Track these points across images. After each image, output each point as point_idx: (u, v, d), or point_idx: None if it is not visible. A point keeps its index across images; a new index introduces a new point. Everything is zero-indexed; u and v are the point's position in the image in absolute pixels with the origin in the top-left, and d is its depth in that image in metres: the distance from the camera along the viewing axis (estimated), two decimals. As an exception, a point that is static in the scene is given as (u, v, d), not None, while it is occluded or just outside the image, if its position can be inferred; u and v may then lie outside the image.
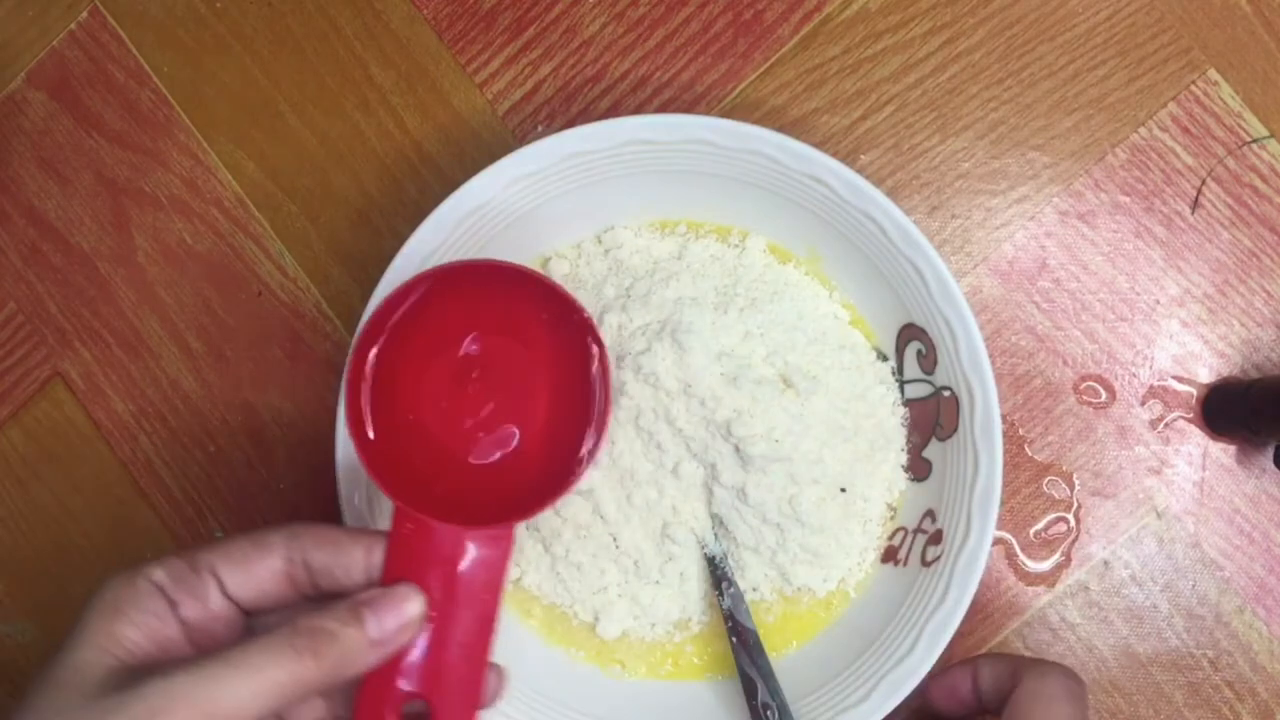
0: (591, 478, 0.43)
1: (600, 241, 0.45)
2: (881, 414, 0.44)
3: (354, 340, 0.36)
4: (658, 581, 0.44)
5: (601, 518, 0.43)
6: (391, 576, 0.34)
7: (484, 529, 0.35)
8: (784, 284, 0.44)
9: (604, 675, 0.45)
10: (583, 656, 0.45)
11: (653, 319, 0.43)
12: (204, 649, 0.34)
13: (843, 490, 0.42)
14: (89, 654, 0.31)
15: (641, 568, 0.44)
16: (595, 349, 0.37)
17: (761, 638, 0.42)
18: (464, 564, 0.34)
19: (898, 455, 0.44)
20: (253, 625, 0.35)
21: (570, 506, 0.43)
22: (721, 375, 0.41)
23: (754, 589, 0.44)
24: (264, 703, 0.30)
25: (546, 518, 0.44)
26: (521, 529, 0.44)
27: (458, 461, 0.38)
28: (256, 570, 0.34)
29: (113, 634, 0.32)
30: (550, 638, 0.45)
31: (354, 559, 0.34)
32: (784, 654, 0.44)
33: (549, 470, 0.37)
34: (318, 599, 0.35)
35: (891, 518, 0.44)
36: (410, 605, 0.33)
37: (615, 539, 0.44)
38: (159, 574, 0.33)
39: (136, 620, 0.32)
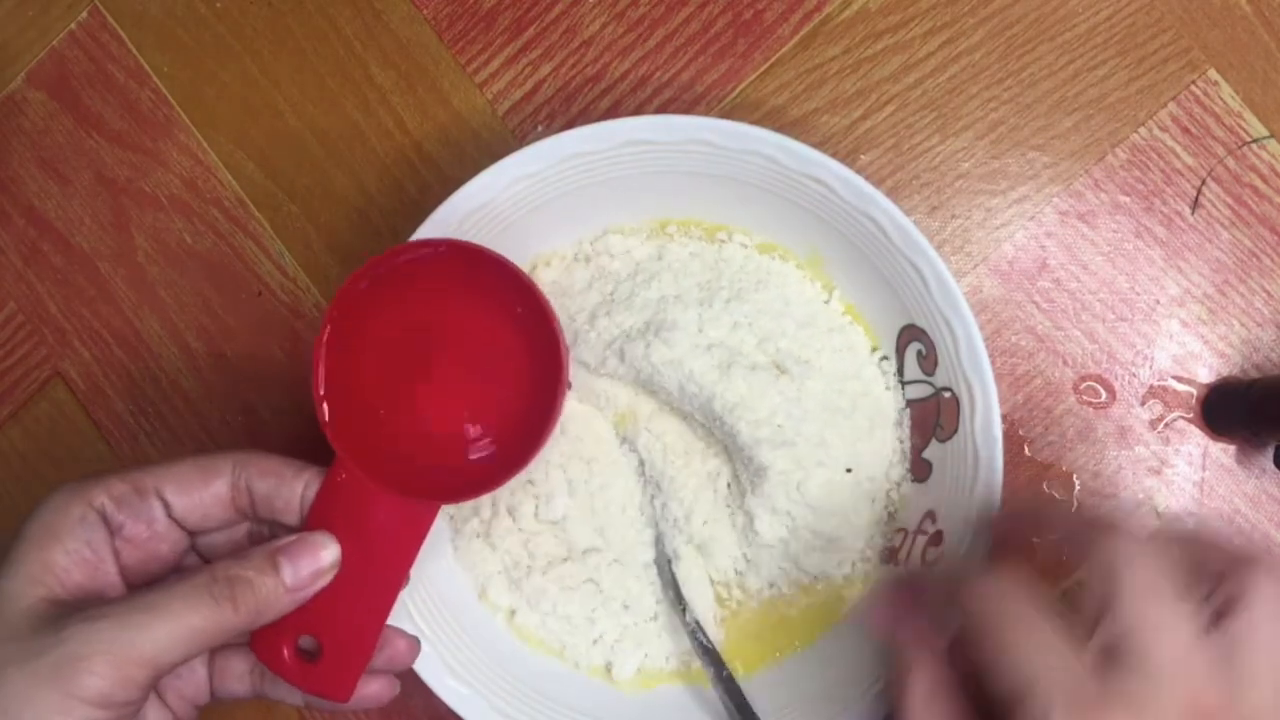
0: (564, 506, 0.43)
1: (591, 246, 0.45)
2: (876, 390, 0.44)
3: (330, 306, 0.37)
4: (655, 617, 0.44)
5: (579, 561, 0.43)
6: (316, 518, 0.35)
7: (412, 499, 0.36)
8: (768, 273, 0.44)
9: (611, 687, 0.44)
10: (589, 671, 0.45)
11: (637, 320, 0.43)
12: (145, 572, 0.35)
13: (848, 470, 0.42)
14: (18, 584, 0.32)
15: (633, 608, 0.44)
16: (556, 337, 0.38)
17: (779, 637, 0.42)
18: (385, 526, 0.36)
19: (897, 430, 0.44)
20: (197, 545, 0.37)
21: (542, 545, 0.44)
22: (714, 367, 0.41)
23: (770, 585, 0.44)
24: (183, 648, 0.31)
25: (527, 571, 0.44)
26: (505, 581, 0.44)
27: (410, 435, 0.39)
28: (202, 494, 0.35)
29: (46, 563, 0.33)
30: (558, 659, 0.45)
31: (293, 492, 0.36)
32: (786, 657, 0.44)
33: (497, 459, 0.39)
34: (258, 522, 0.37)
35: (896, 499, 0.44)
36: (325, 553, 0.35)
37: (597, 584, 0.44)
38: (101, 499, 0.34)
39: (71, 549, 0.33)
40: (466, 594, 0.44)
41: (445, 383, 0.39)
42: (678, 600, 0.43)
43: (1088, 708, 0.28)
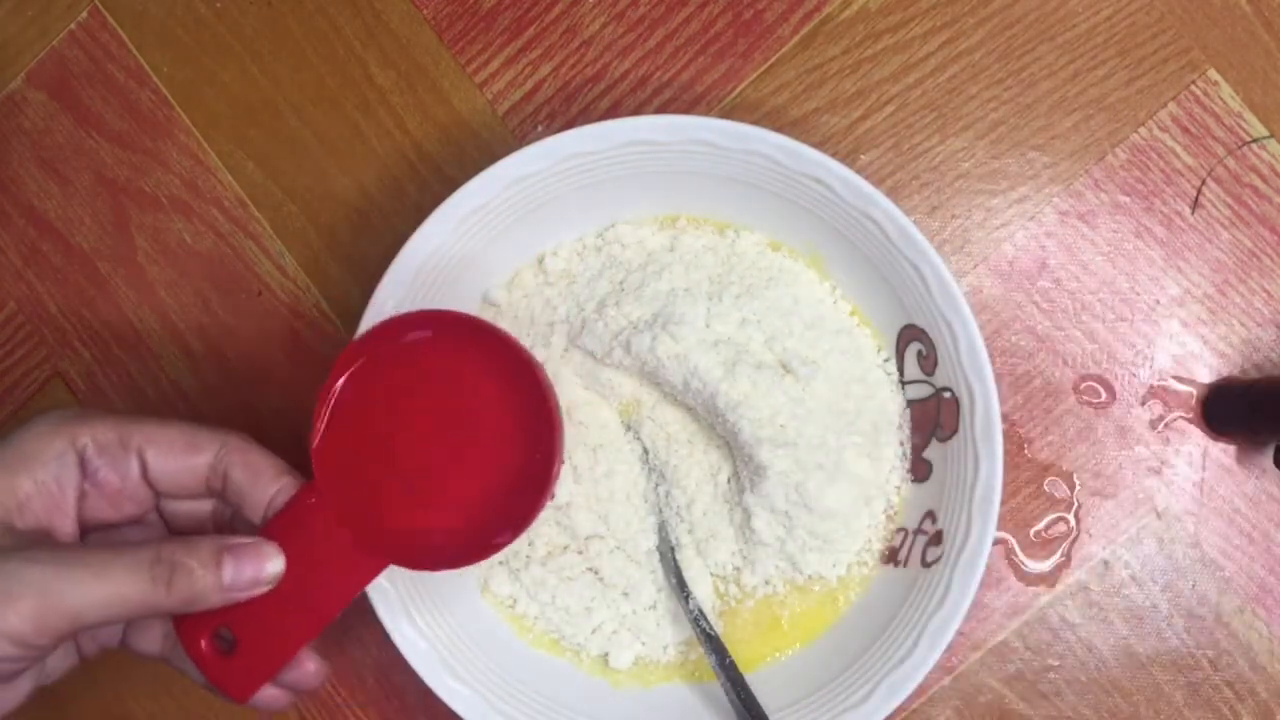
0: (569, 492, 0.43)
1: (600, 237, 0.45)
2: (882, 395, 0.44)
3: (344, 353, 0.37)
4: (654, 605, 0.44)
5: (578, 552, 0.43)
6: (275, 527, 0.36)
7: (366, 553, 0.36)
8: (778, 270, 0.44)
9: (611, 687, 0.44)
10: (589, 669, 0.45)
11: (645, 312, 0.43)
12: (101, 519, 0.36)
13: (848, 474, 0.42)
14: None
15: (633, 596, 0.44)
16: (547, 408, 0.37)
17: (776, 634, 0.42)
18: (334, 562, 0.36)
19: (900, 436, 0.44)
20: (160, 506, 0.37)
21: (543, 531, 0.44)
22: (719, 364, 0.41)
23: (766, 582, 0.44)
24: (108, 613, 0.32)
25: (526, 562, 0.44)
26: (505, 572, 0.44)
27: (388, 489, 0.38)
28: (182, 464, 0.36)
29: (10, 487, 0.33)
30: (555, 654, 0.45)
31: (265, 492, 0.36)
32: (786, 654, 0.44)
33: (464, 538, 0.37)
34: (224, 504, 0.38)
35: (896, 499, 0.44)
36: (270, 565, 0.35)
37: (597, 572, 0.44)
38: (84, 440, 0.35)
39: (40, 479, 0.34)
40: (468, 590, 0.44)
41: (434, 447, 0.38)
42: (680, 587, 0.43)
43: None
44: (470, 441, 0.38)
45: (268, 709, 0.38)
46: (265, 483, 0.36)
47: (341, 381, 0.37)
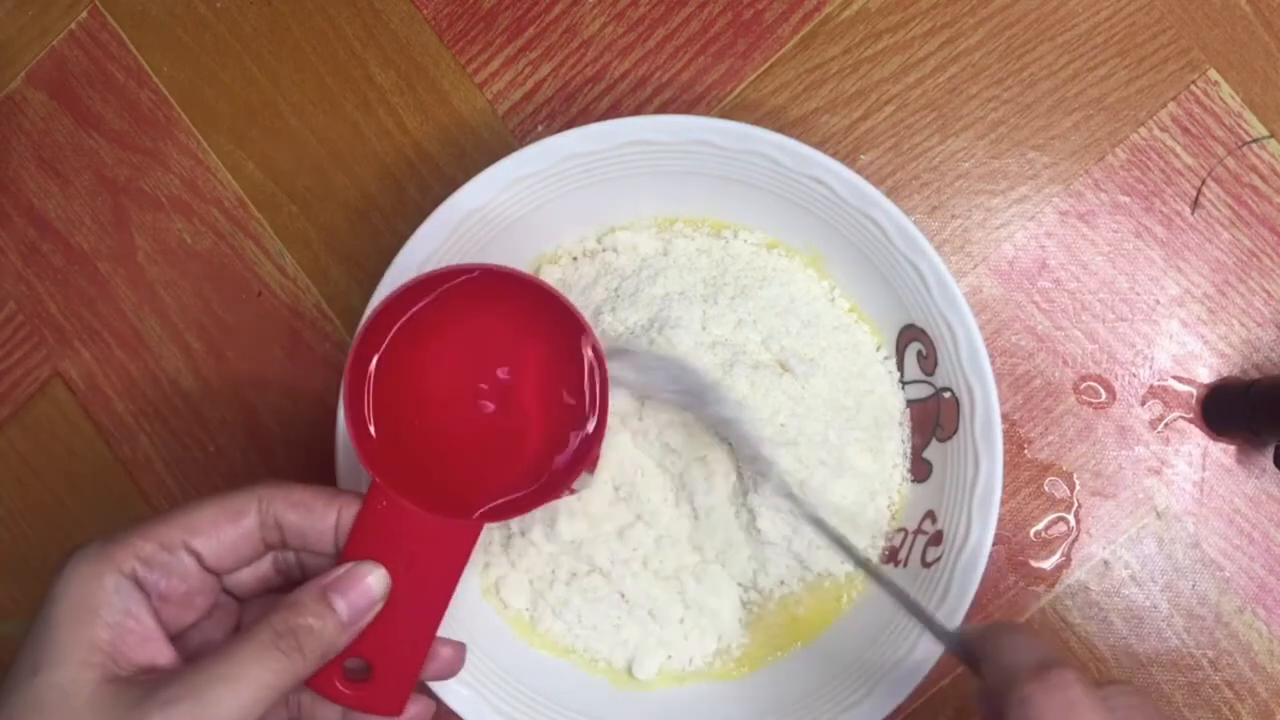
0: (582, 528, 0.43)
1: (599, 242, 0.45)
2: (882, 390, 0.44)
3: (359, 332, 0.36)
4: (681, 620, 0.44)
5: (601, 573, 0.43)
6: (357, 546, 0.35)
7: (454, 519, 0.36)
8: (773, 270, 0.44)
9: (614, 687, 0.44)
10: (586, 668, 0.45)
11: (641, 317, 0.43)
12: (184, 623, 0.35)
13: (852, 469, 0.42)
14: (71, 672, 0.31)
15: (659, 616, 0.44)
16: (592, 359, 0.37)
17: (792, 632, 0.43)
18: (429, 548, 0.36)
19: (901, 430, 0.44)
20: (224, 583, 0.36)
21: (565, 563, 0.44)
22: (717, 365, 0.41)
23: (781, 583, 0.44)
24: (262, 708, 0.31)
25: (548, 584, 0.44)
26: (530, 594, 0.44)
27: (447, 454, 0.38)
28: (231, 536, 0.35)
29: (90, 643, 0.31)
30: (557, 655, 0.45)
31: (326, 522, 0.35)
32: (786, 654, 0.44)
33: (540, 475, 0.38)
34: (284, 550, 0.36)
35: (898, 497, 0.44)
36: (376, 585, 0.34)
37: (623, 595, 0.44)
38: (131, 563, 0.33)
39: (113, 622, 0.32)
40: (469, 591, 0.44)
41: (481, 404, 0.38)
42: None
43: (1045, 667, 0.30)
44: (514, 389, 0.38)
45: None
46: (320, 513, 0.35)
47: (372, 372, 0.36)
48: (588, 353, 0.37)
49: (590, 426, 0.37)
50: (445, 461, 0.38)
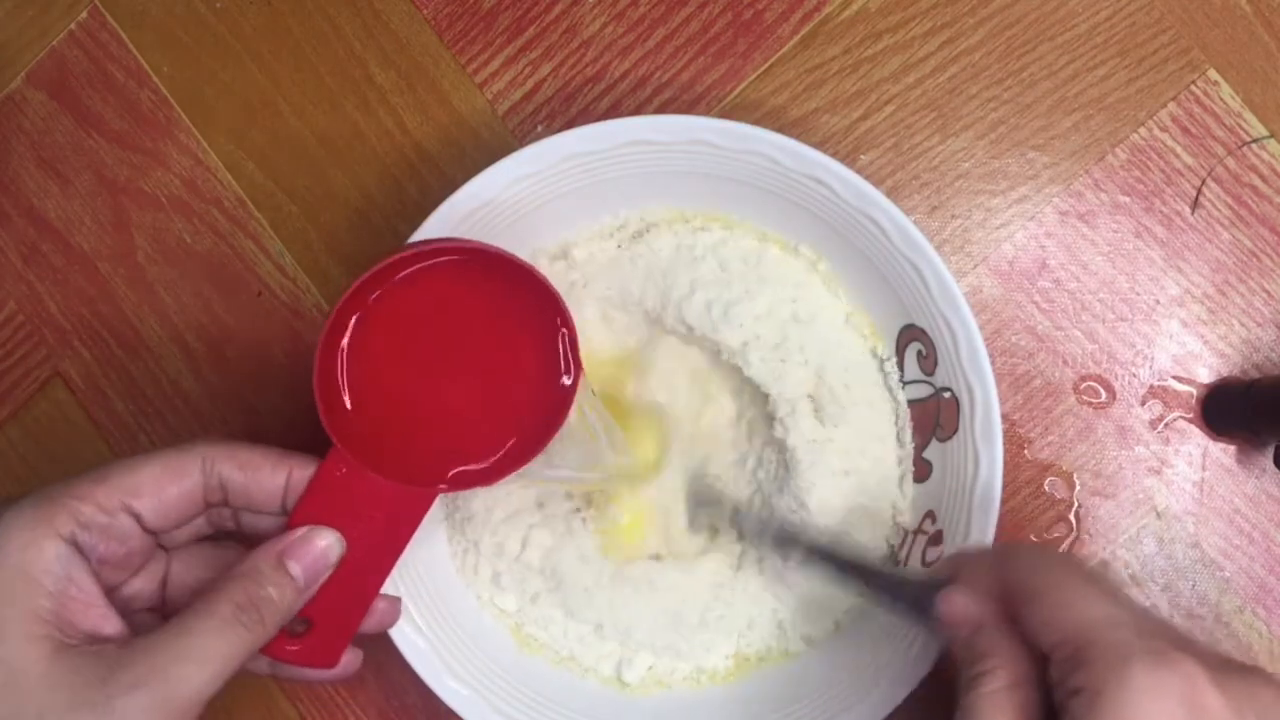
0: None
1: (599, 242, 0.45)
2: (888, 464, 0.44)
3: (332, 310, 0.36)
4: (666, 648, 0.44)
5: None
6: (309, 509, 0.35)
7: (414, 486, 0.37)
8: (820, 308, 0.44)
9: (615, 691, 0.44)
10: (596, 677, 0.45)
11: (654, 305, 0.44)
12: (118, 583, 0.34)
13: (839, 533, 0.43)
14: (18, 646, 0.30)
15: (645, 644, 0.44)
16: (564, 332, 0.38)
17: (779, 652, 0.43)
18: (383, 513, 0.36)
19: (900, 429, 0.44)
20: (160, 539, 0.35)
21: (537, 576, 0.44)
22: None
23: (768, 648, 0.44)
24: (224, 680, 0.31)
25: (533, 599, 0.44)
26: (518, 602, 0.45)
27: (417, 423, 0.38)
28: (173, 498, 0.34)
29: (33, 614, 0.30)
30: (566, 668, 0.45)
31: (275, 484, 0.35)
32: (787, 653, 0.44)
33: (502, 445, 0.39)
34: (222, 508, 0.36)
35: (897, 493, 0.44)
36: (331, 550, 0.35)
37: (600, 626, 0.44)
38: (70, 528, 0.32)
39: (55, 590, 0.31)
40: (469, 591, 0.44)
41: (447, 373, 0.39)
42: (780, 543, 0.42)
43: (1161, 650, 0.27)
44: (478, 355, 0.38)
45: (345, 672, 0.37)
46: (269, 473, 0.35)
47: (346, 342, 0.37)
48: (561, 329, 0.38)
49: (558, 392, 0.38)
50: (413, 430, 0.38)
